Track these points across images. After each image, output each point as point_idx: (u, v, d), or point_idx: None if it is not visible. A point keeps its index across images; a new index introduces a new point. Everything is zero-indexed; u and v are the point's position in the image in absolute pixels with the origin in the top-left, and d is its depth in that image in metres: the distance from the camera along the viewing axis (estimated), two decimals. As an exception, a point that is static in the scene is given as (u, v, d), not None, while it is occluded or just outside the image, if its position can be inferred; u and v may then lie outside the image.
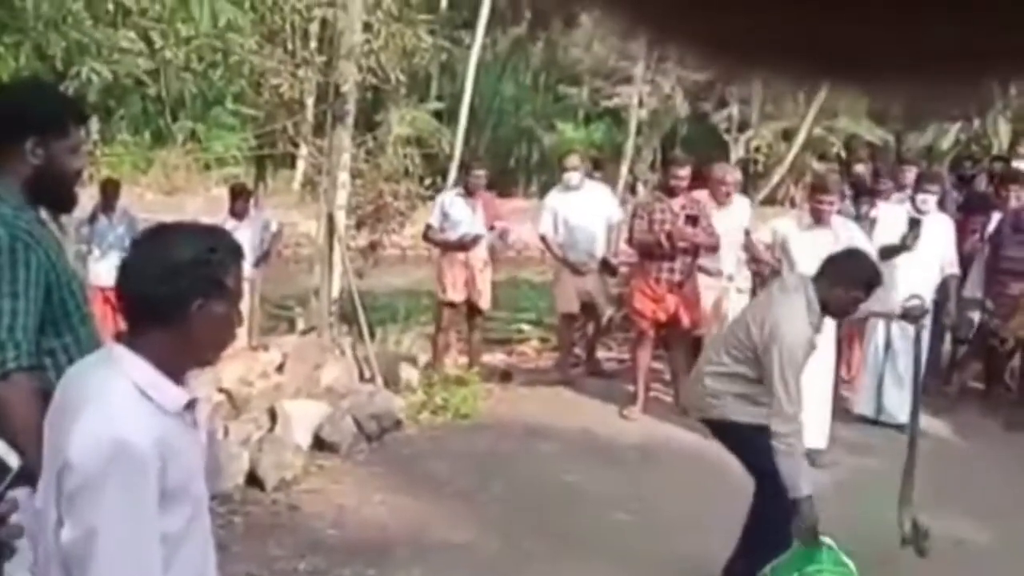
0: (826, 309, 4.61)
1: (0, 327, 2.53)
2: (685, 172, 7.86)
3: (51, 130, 2.69)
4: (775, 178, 17.28)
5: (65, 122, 2.75)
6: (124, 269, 2.14)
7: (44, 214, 2.87)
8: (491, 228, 8.83)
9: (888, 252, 7.45)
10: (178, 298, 2.07)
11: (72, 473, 2.00)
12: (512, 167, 23.33)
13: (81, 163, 2.84)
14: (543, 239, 8.74)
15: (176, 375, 2.14)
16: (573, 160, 8.81)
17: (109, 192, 9.19)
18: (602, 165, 25.31)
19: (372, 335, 8.83)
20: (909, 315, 5.23)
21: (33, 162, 2.67)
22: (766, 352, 4.49)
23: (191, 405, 2.17)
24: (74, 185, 2.82)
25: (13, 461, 1.75)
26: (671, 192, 7.79)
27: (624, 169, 22.51)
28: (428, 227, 8.84)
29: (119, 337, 2.19)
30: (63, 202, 2.89)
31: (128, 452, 2.00)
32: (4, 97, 3.03)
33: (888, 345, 7.95)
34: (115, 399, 2.06)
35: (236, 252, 2.20)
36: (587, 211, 8.52)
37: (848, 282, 4.60)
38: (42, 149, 2.67)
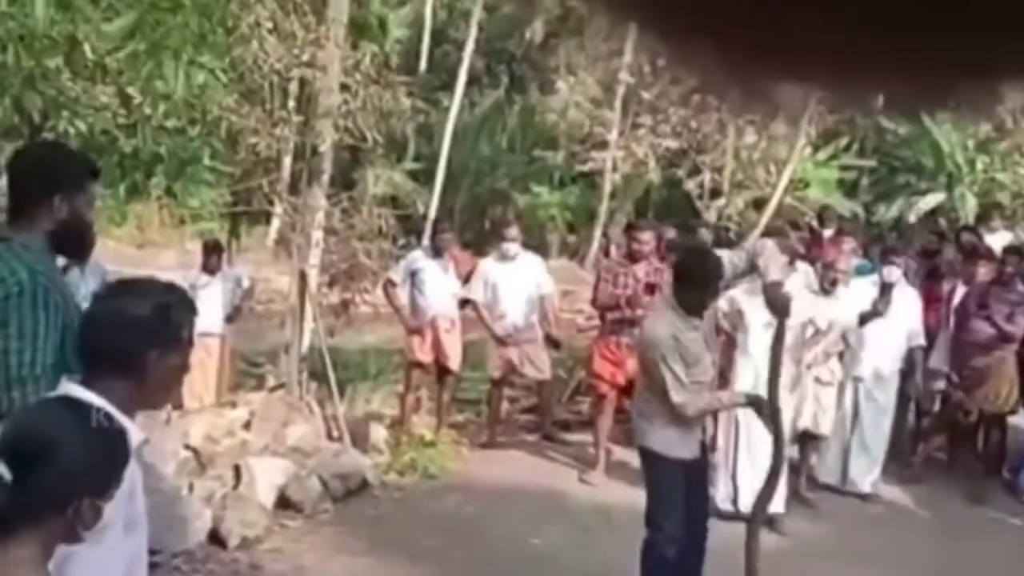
0: (688, 309, 4.96)
1: (22, 365, 2.74)
2: (648, 237, 8.01)
3: (76, 187, 2.96)
4: (745, 246, 17.44)
5: (86, 179, 3.04)
6: (86, 321, 2.37)
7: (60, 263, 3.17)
8: (466, 281, 8.90)
9: (860, 319, 7.58)
10: (136, 350, 2.25)
11: None
12: (487, 228, 23.43)
13: (94, 214, 3.11)
14: (474, 305, 8.77)
15: (130, 416, 2.27)
16: (512, 231, 8.86)
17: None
18: (576, 228, 25.66)
19: (341, 393, 8.82)
20: (753, 404, 5.31)
21: (59, 216, 2.92)
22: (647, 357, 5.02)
23: (142, 445, 2.33)
24: (90, 235, 3.08)
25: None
26: (634, 257, 7.91)
27: (597, 232, 22.68)
28: (389, 282, 8.87)
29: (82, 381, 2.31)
30: (82, 251, 3.18)
31: None
32: (30, 158, 3.28)
33: (856, 413, 8.02)
34: None
35: (190, 307, 2.40)
36: (518, 282, 8.60)
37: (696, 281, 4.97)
38: (67, 204, 2.92)
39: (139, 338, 2.25)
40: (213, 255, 9.64)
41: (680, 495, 5.02)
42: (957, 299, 8.56)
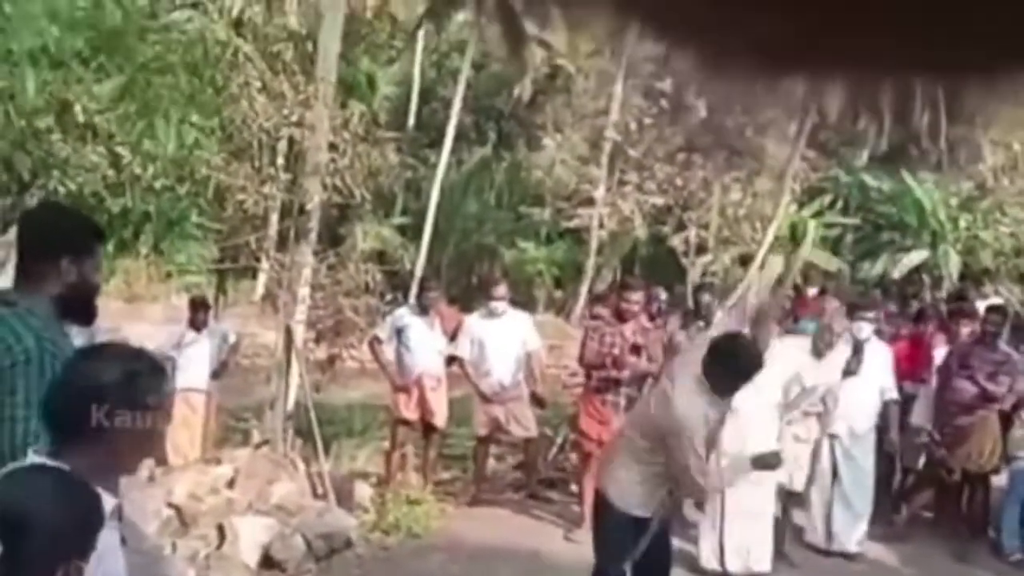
0: (720, 392, 5.00)
1: (28, 434, 2.70)
2: (637, 297, 8.04)
3: (83, 250, 2.95)
4: (732, 302, 17.55)
5: (94, 242, 3.03)
6: (54, 388, 2.35)
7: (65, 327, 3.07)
8: (452, 339, 8.91)
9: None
10: (102, 418, 2.23)
11: None
12: (474, 283, 23.51)
13: (100, 277, 3.09)
14: (460, 362, 8.77)
15: (100, 482, 2.23)
16: (501, 289, 8.89)
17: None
18: (563, 283, 25.73)
19: (327, 450, 8.79)
20: (761, 464, 5.39)
21: (67, 280, 2.90)
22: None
23: (117, 510, 2.29)
24: (96, 298, 3.05)
25: None
26: (622, 317, 7.93)
27: (584, 288, 22.75)
28: (375, 339, 8.88)
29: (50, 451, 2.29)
30: (88, 315, 3.08)
31: None
32: (37, 221, 3.27)
33: (835, 472, 8.02)
34: None
35: (160, 373, 2.40)
36: (505, 340, 8.61)
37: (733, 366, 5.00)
38: (75, 268, 2.91)
39: (106, 406, 2.23)
40: (199, 311, 9.66)
41: (629, 548, 5.07)
42: (939, 356, 8.62)
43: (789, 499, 7.65)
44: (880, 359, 8.06)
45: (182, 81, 6.99)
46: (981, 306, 10.19)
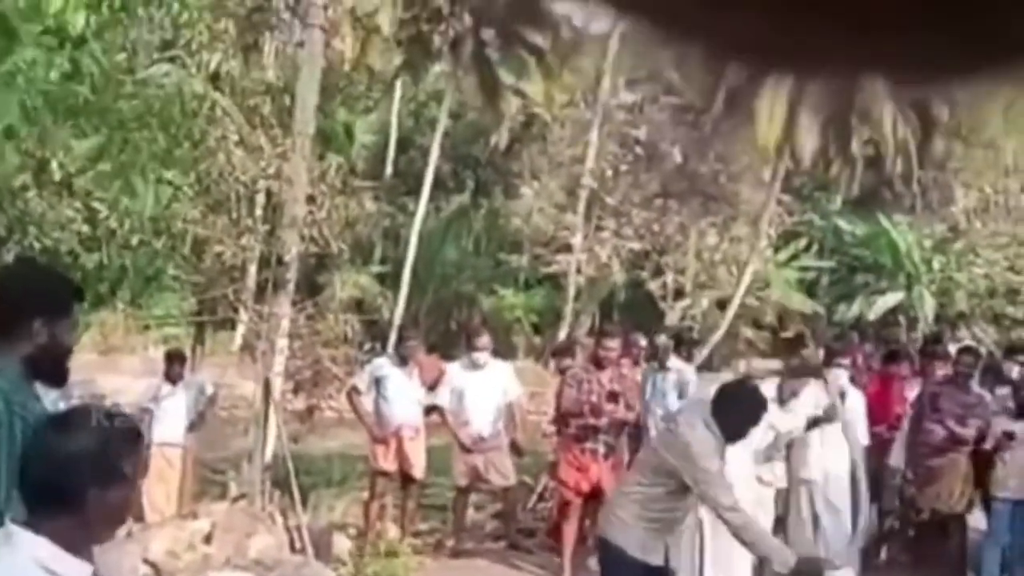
0: (729, 437, 5.15)
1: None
2: (615, 344, 8.08)
3: (58, 311, 2.88)
4: (710, 345, 17.65)
5: (70, 302, 2.95)
6: (26, 456, 2.29)
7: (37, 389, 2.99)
8: (431, 388, 8.92)
9: (810, 424, 7.63)
10: (75, 487, 2.18)
11: None
12: (453, 330, 23.54)
13: (76, 338, 3.03)
14: (440, 412, 8.77)
15: (74, 551, 2.22)
16: (484, 340, 8.91)
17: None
18: (542, 329, 25.77)
19: (305, 501, 8.77)
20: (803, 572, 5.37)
21: (38, 341, 2.83)
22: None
23: None
24: (68, 359, 2.96)
25: None
26: (600, 364, 7.97)
27: (562, 334, 22.77)
28: (354, 389, 8.88)
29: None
30: (59, 377, 3.01)
31: None
32: (10, 280, 3.20)
33: (816, 520, 8.03)
34: (16, 574, 2.13)
35: (134, 437, 2.34)
36: (485, 390, 8.62)
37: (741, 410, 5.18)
38: (47, 328, 2.83)
39: (78, 476, 2.18)
40: (175, 364, 9.61)
41: None
42: (912, 397, 8.70)
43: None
44: (854, 405, 8.12)
45: (159, 136, 7.04)
46: (955, 349, 10.31)
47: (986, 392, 8.63)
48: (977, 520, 8.87)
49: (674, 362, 9.26)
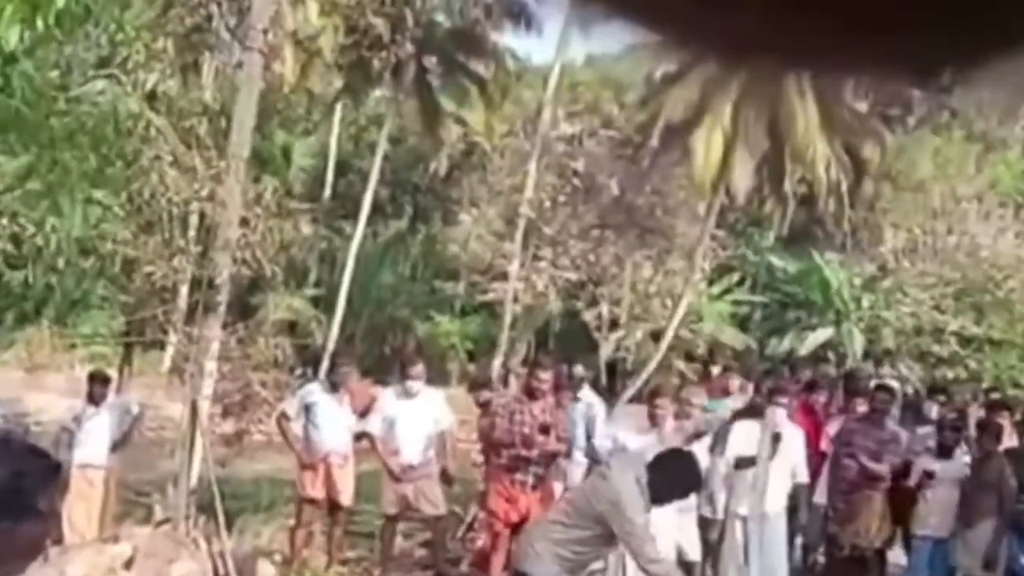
0: (656, 500, 5.28)
1: None
2: (547, 376, 8.10)
3: None
4: (643, 377, 17.81)
5: None
6: None
7: None
8: (362, 415, 8.86)
9: (743, 463, 7.69)
10: None
11: None
12: (388, 355, 23.48)
13: None
14: (370, 438, 8.70)
15: None
16: (418, 369, 8.83)
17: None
18: (476, 357, 25.78)
19: (231, 526, 8.66)
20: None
21: None
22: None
23: None
24: None
25: None
26: (532, 395, 7.99)
27: (497, 362, 22.80)
28: (283, 415, 8.79)
29: None
30: None
31: None
32: None
33: (747, 554, 8.08)
34: None
35: (50, 473, 2.30)
36: (417, 419, 8.57)
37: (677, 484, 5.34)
38: None
39: None
40: (97, 385, 9.42)
41: None
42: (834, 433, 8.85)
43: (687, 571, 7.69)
44: (793, 442, 8.17)
45: (91, 156, 6.95)
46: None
47: (901, 430, 8.81)
48: (897, 557, 9.03)
49: (585, 393, 9.29)
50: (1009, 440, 8.69)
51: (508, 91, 23.13)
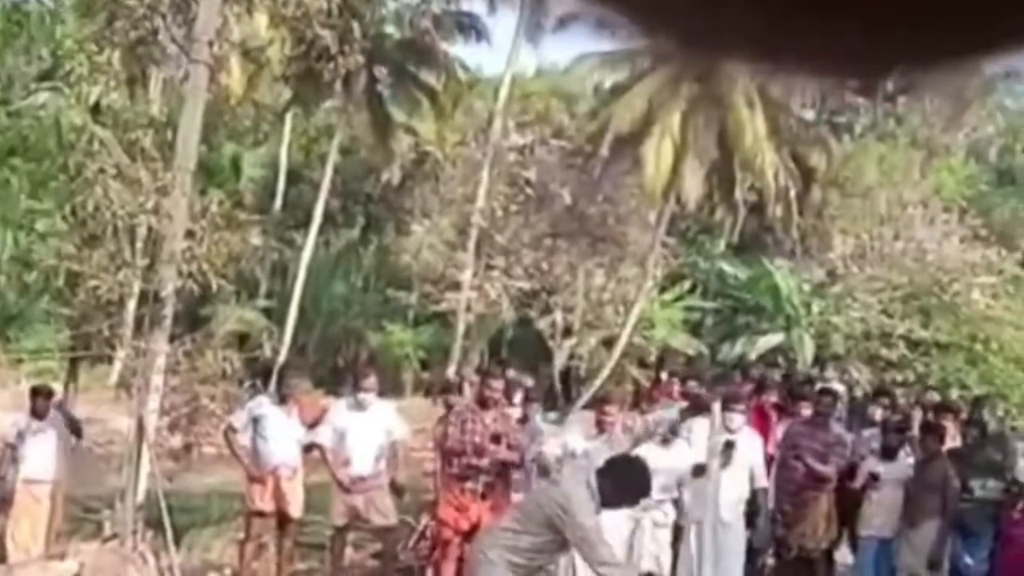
0: (606, 504, 5.37)
1: None
2: (499, 385, 8.15)
3: None
4: (596, 383, 17.89)
5: None
6: None
7: None
8: (312, 427, 8.82)
9: (699, 470, 7.71)
10: None
11: None
12: (340, 366, 23.40)
13: None
14: (320, 449, 8.67)
15: None
16: (370, 381, 8.80)
17: None
18: (430, 366, 25.75)
19: (180, 540, 8.59)
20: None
21: None
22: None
23: None
24: None
25: None
26: (484, 404, 8.02)
27: (451, 371, 22.81)
28: (230, 427, 8.72)
29: None
30: None
31: None
32: None
33: (700, 559, 8.13)
34: None
35: None
36: (368, 430, 8.55)
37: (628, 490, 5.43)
38: None
39: None
40: (40, 399, 9.30)
41: None
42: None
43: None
44: (750, 448, 8.21)
45: (31, 167, 6.88)
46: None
47: (846, 432, 8.95)
48: (844, 556, 9.16)
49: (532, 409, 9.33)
50: (952, 442, 8.85)
51: (459, 101, 23.16)
